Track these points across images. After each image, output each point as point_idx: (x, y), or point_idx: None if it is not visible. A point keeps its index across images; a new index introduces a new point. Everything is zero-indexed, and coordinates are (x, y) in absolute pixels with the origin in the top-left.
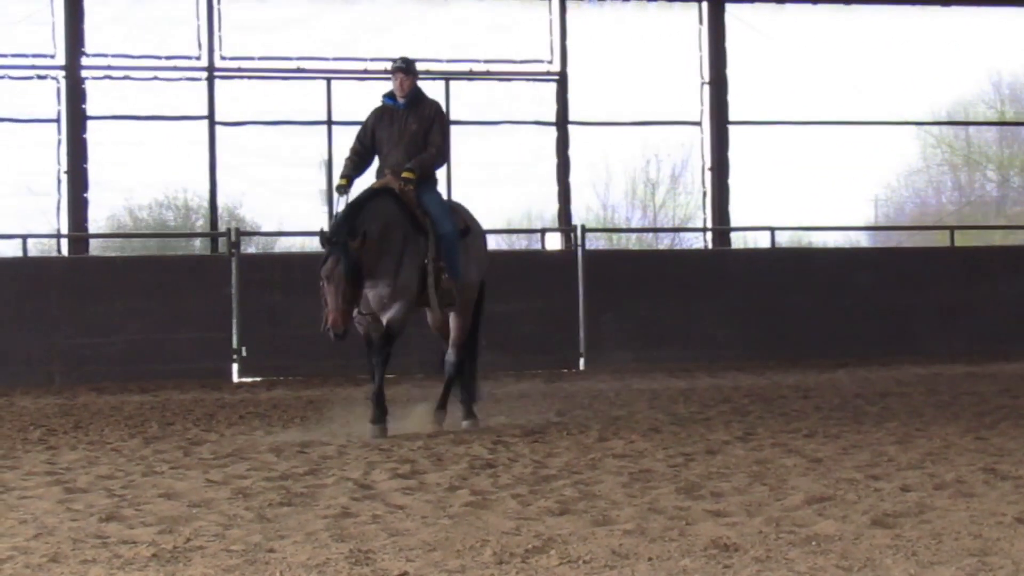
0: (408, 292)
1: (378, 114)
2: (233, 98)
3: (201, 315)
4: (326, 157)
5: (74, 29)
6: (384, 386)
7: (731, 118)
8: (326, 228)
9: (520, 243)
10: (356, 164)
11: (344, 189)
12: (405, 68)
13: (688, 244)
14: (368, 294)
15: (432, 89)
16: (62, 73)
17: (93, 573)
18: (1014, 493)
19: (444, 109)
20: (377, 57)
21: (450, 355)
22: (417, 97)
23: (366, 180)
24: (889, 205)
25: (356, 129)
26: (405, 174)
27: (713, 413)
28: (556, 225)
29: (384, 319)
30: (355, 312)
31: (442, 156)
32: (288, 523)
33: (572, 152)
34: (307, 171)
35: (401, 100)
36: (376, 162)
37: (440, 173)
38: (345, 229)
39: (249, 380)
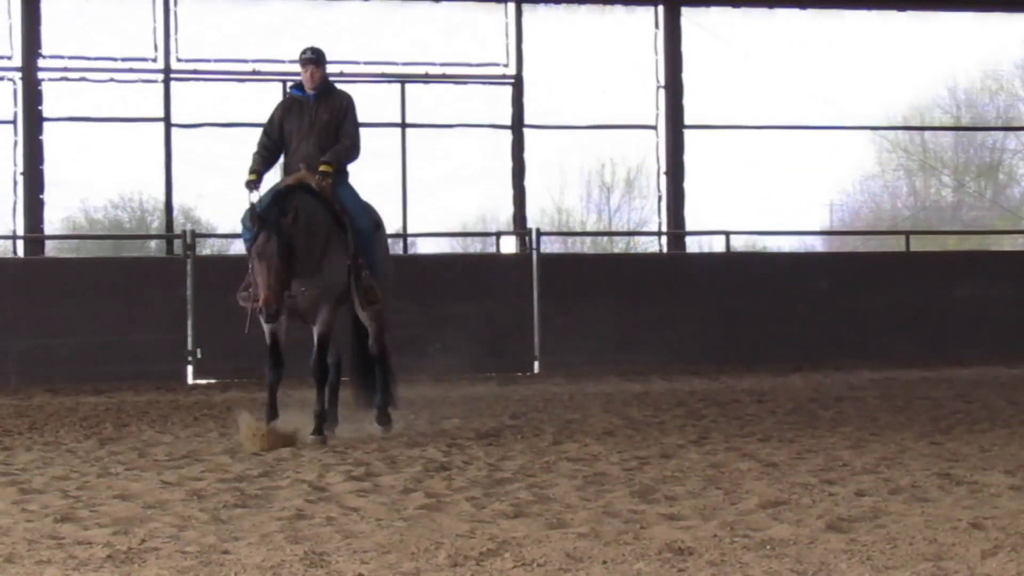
0: (335, 292)
1: (286, 106)
2: (189, 100)
3: (156, 317)
4: (282, 160)
5: (31, 30)
6: (322, 398)
7: (687, 122)
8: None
9: (475, 246)
10: (265, 159)
11: (254, 185)
12: (315, 59)
13: (643, 248)
14: (295, 292)
15: (388, 92)
16: (18, 74)
17: (48, 574)
18: (969, 498)
19: (354, 101)
20: (332, 59)
21: (372, 347)
22: (327, 88)
23: (273, 176)
24: (844, 210)
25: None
26: (323, 167)
27: (667, 417)
28: (511, 228)
29: (315, 331)
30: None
31: (356, 148)
32: (243, 525)
33: (527, 155)
34: None
35: (311, 91)
36: (283, 157)
37: (394, 176)
38: (276, 207)
39: (204, 382)
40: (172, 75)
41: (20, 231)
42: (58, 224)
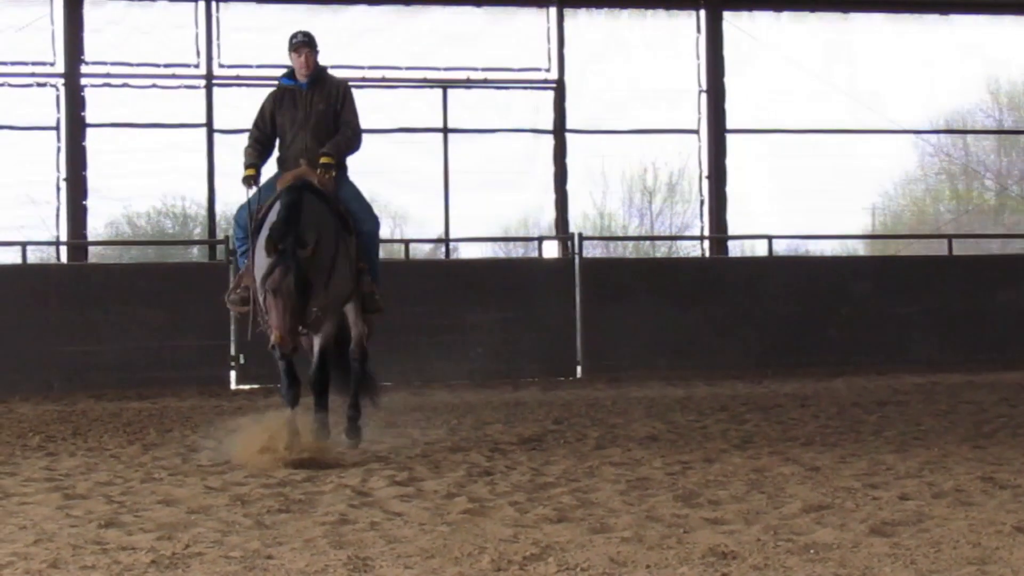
0: (342, 303)
1: (276, 97)
2: (231, 106)
3: (199, 323)
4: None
5: (74, 37)
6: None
7: (729, 126)
8: (263, 231)
9: (517, 251)
10: (260, 152)
11: (253, 180)
12: (309, 43)
13: (685, 252)
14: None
15: (430, 97)
16: (61, 81)
17: None
18: (1013, 502)
19: (351, 88)
20: (375, 65)
21: (354, 351)
22: (321, 75)
23: (269, 170)
24: (887, 213)
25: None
26: (323, 159)
27: (710, 421)
28: (553, 233)
29: (318, 341)
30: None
31: (358, 138)
32: (286, 530)
33: (569, 160)
34: None
35: (304, 79)
36: (277, 151)
37: (436, 180)
38: (293, 235)
39: (247, 387)
40: (214, 81)
41: (63, 237)
42: (101, 230)
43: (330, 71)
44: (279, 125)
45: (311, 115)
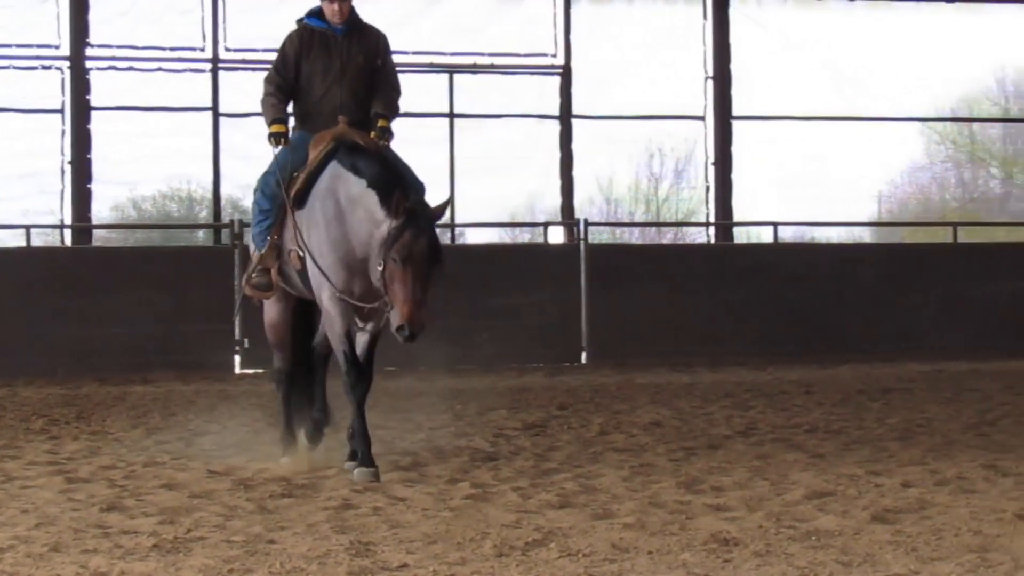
0: None
1: (304, 40)
2: (237, 89)
3: (204, 306)
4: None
5: (79, 20)
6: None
7: (735, 113)
8: (376, 191)
9: (523, 236)
10: (285, 104)
11: (284, 138)
12: None
13: (691, 239)
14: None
15: (436, 82)
16: (67, 64)
17: (94, 563)
18: (1015, 490)
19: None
20: None
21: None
22: (357, 22)
23: None
24: (892, 201)
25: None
26: (381, 122)
27: (715, 408)
28: (559, 219)
29: (370, 329)
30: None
31: (399, 99)
32: (289, 514)
33: (575, 146)
34: None
35: (339, 25)
36: (296, 104)
37: (442, 165)
38: (416, 192)
39: (251, 372)
40: (220, 64)
41: (68, 220)
42: (106, 214)
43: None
44: (305, 74)
45: (348, 67)
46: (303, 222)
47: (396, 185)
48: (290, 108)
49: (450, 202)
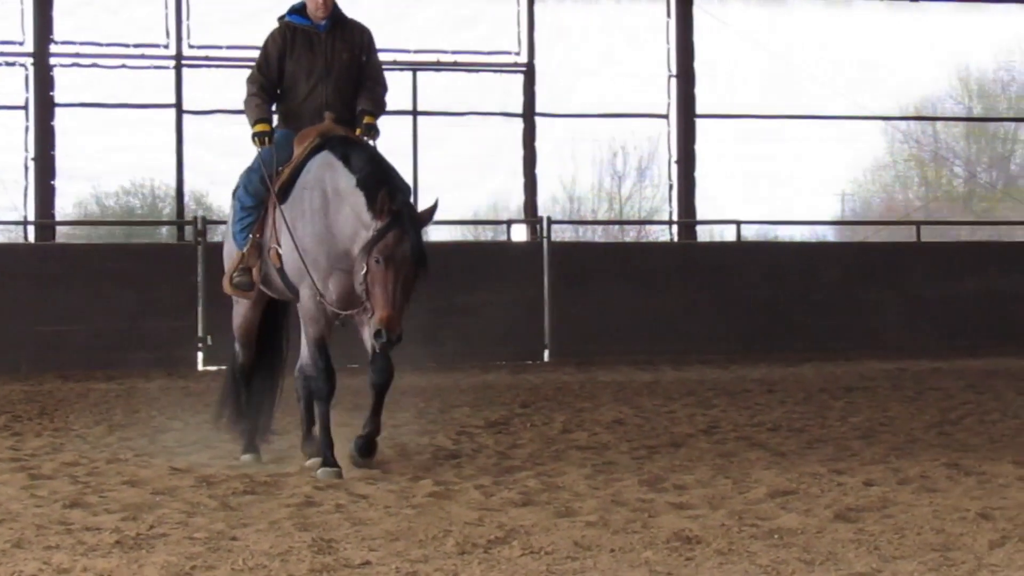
0: None
1: (286, 38)
2: (201, 87)
3: (167, 303)
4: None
5: (43, 16)
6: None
7: (698, 111)
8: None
9: (486, 234)
10: (269, 104)
11: (268, 137)
12: None
13: (654, 237)
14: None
15: (399, 80)
16: (30, 60)
17: (56, 559)
18: (977, 489)
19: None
20: None
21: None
22: (341, 18)
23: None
24: (856, 200)
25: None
26: (367, 119)
27: (677, 406)
28: (522, 217)
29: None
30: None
31: (386, 95)
32: (251, 511)
33: (539, 144)
34: None
35: (321, 20)
36: (279, 103)
37: (405, 164)
38: (403, 192)
39: (214, 369)
40: (184, 61)
41: (31, 217)
42: (69, 210)
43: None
44: (290, 73)
45: (332, 65)
46: (288, 215)
47: (383, 185)
48: (274, 107)
49: (436, 207)
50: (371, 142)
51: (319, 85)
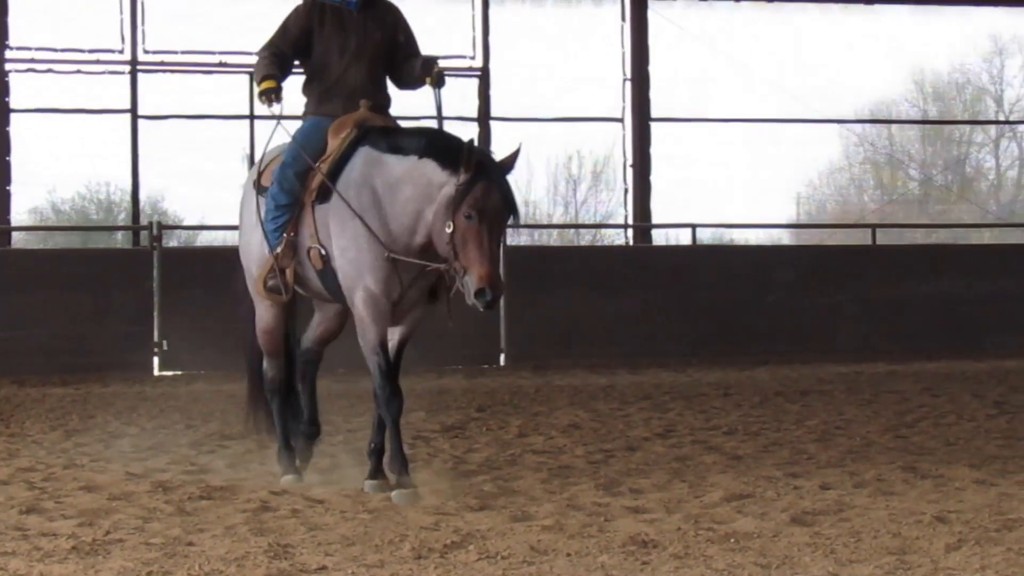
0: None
1: (315, 13)
2: (156, 92)
3: (123, 309)
4: (248, 151)
5: None
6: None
7: (653, 115)
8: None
9: None
10: (281, 66)
11: (274, 95)
12: None
13: (609, 241)
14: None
15: None
16: None
17: (12, 565)
18: (933, 492)
19: None
20: None
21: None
22: None
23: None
24: (811, 203)
25: (274, 125)
26: (436, 67)
27: (633, 410)
28: None
29: (400, 332)
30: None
31: None
32: (207, 516)
33: (494, 148)
34: (229, 165)
35: None
36: (312, 84)
37: None
38: (481, 147)
39: (170, 374)
40: (139, 67)
41: None
42: (25, 216)
43: None
44: (319, 52)
45: (366, 45)
46: (335, 215)
47: (454, 145)
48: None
49: (519, 152)
50: (437, 91)
51: (352, 65)
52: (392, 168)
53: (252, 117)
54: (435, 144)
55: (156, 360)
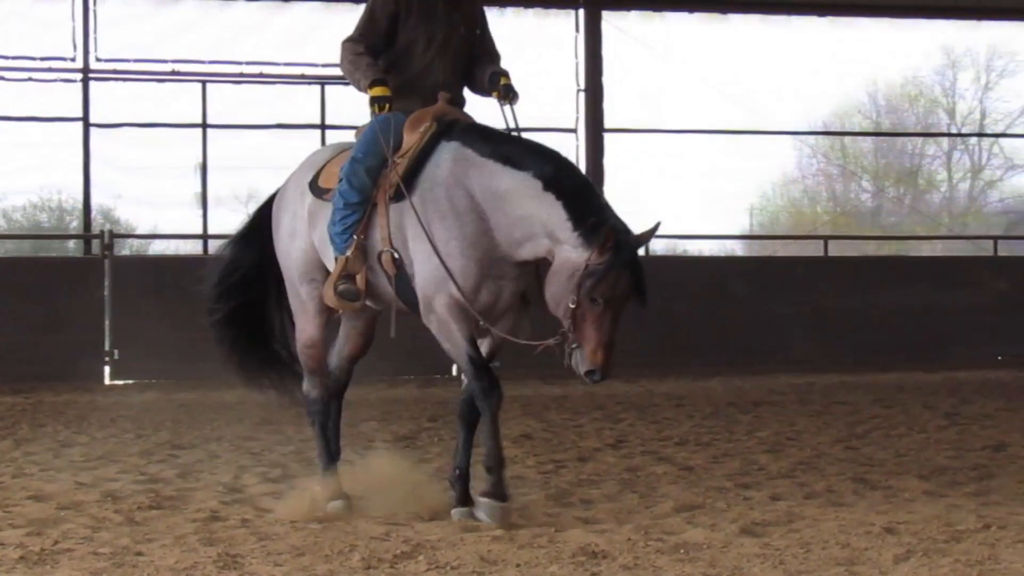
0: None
1: (400, 2)
2: (108, 100)
3: (74, 317)
4: (200, 160)
5: None
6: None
7: (607, 125)
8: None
9: None
10: (381, 66)
11: (388, 103)
12: None
13: None
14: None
15: (308, 93)
16: None
17: None
18: (883, 503)
19: None
20: (252, 60)
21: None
22: None
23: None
24: (764, 214)
25: (227, 134)
26: (504, 80)
27: (585, 420)
28: None
29: (493, 336)
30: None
31: None
32: (157, 526)
33: None
34: (182, 174)
35: None
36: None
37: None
38: (612, 214)
39: (121, 383)
40: (91, 75)
41: None
42: None
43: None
44: (404, 43)
45: (451, 37)
46: (422, 216)
47: (584, 194)
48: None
49: (657, 228)
50: (508, 106)
51: (436, 60)
52: (498, 177)
53: (205, 126)
54: (564, 181)
55: (107, 369)
